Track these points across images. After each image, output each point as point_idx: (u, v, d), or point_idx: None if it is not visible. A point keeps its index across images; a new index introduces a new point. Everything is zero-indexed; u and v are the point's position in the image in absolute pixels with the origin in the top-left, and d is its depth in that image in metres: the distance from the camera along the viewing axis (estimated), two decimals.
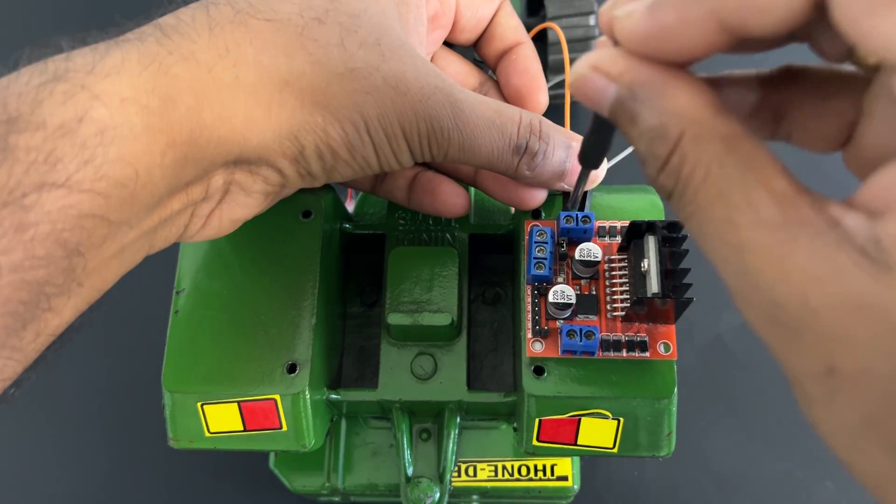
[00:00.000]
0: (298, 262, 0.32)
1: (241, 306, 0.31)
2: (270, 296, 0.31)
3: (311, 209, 0.33)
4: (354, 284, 0.37)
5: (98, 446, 0.47)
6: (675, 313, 0.28)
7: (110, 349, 0.49)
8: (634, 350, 0.29)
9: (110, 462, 0.47)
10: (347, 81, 0.25)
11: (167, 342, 0.31)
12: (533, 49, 0.33)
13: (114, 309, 0.50)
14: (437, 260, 0.33)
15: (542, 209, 0.32)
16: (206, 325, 0.31)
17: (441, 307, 0.32)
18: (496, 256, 0.37)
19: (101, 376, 0.49)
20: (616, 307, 0.29)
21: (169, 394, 0.30)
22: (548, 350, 0.29)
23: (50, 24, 0.60)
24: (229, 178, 0.26)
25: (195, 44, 0.24)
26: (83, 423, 0.48)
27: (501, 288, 0.37)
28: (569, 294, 0.29)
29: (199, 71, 0.23)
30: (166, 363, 0.31)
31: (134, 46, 0.23)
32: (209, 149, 0.24)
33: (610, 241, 0.30)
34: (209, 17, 0.24)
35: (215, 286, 0.32)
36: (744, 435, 0.46)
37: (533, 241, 0.30)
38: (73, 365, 0.49)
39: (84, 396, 0.48)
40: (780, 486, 0.45)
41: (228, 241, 0.32)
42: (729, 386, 0.47)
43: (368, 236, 0.36)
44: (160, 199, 0.24)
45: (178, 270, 0.32)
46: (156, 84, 0.23)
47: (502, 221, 0.36)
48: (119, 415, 0.48)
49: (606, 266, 0.30)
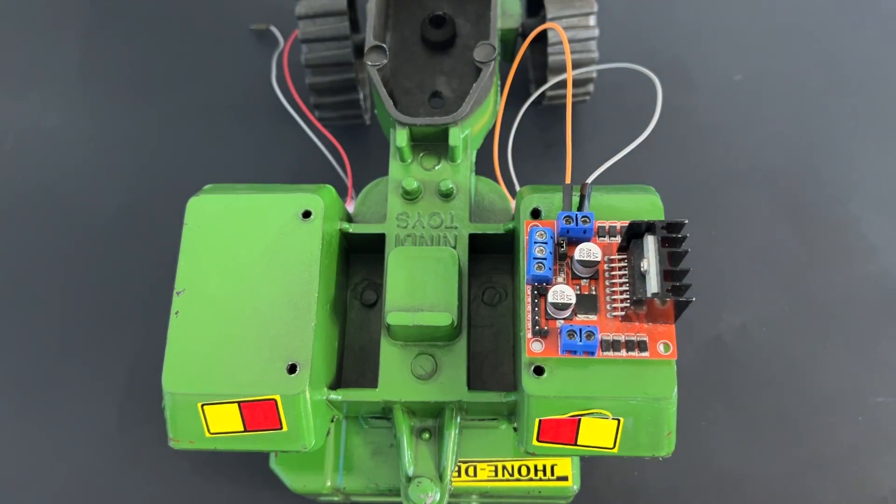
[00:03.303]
0: (298, 262, 0.32)
1: (241, 307, 0.31)
2: (270, 297, 0.31)
3: (312, 209, 0.33)
4: (354, 285, 0.37)
5: (99, 446, 0.47)
6: (674, 313, 0.28)
7: (111, 350, 0.49)
8: (634, 350, 0.29)
9: (111, 462, 0.47)
10: None
11: (167, 343, 0.31)
12: None
13: (115, 310, 0.50)
14: (437, 260, 0.33)
15: (542, 209, 0.32)
16: (206, 326, 0.31)
17: (441, 307, 0.32)
18: (496, 256, 0.37)
19: (102, 377, 0.49)
20: (616, 307, 0.29)
21: (169, 395, 0.30)
22: (548, 350, 0.29)
23: (50, 24, 0.60)
24: None
25: None
26: (84, 422, 0.48)
27: (502, 288, 0.37)
28: (568, 294, 0.29)
29: None
30: (166, 364, 0.31)
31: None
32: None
33: (610, 240, 0.30)
34: None
35: (215, 287, 0.32)
36: (744, 435, 0.46)
37: (532, 241, 0.30)
38: (72, 365, 0.49)
39: (85, 397, 0.48)
40: (781, 486, 0.45)
41: (228, 242, 0.32)
42: (729, 386, 0.47)
43: (368, 236, 0.36)
44: None
45: (178, 272, 0.32)
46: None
47: (502, 221, 0.36)
48: (120, 415, 0.48)
49: (606, 266, 0.30)
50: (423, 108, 0.41)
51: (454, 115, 0.36)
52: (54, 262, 0.52)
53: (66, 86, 0.58)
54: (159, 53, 0.59)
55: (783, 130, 0.55)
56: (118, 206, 0.53)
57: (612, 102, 0.55)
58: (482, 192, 0.39)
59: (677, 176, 0.53)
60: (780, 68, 0.57)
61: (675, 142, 0.54)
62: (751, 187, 0.53)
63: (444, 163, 0.37)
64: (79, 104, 0.57)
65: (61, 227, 0.53)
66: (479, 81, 0.36)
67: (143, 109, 0.57)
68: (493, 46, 0.37)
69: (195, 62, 0.58)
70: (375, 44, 0.37)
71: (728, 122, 0.55)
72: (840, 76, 0.56)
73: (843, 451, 0.45)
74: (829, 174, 0.53)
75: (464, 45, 0.43)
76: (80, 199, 0.54)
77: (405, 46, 0.43)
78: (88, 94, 0.57)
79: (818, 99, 0.55)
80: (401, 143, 0.36)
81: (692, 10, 0.59)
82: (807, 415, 0.46)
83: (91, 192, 0.54)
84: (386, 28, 0.43)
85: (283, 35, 0.56)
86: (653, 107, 0.33)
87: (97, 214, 0.53)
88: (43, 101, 0.57)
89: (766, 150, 0.54)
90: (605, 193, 0.32)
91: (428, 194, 0.36)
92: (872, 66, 0.57)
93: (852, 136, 0.54)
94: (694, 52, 0.57)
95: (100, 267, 0.51)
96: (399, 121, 0.36)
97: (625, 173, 0.54)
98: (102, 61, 0.59)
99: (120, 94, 0.57)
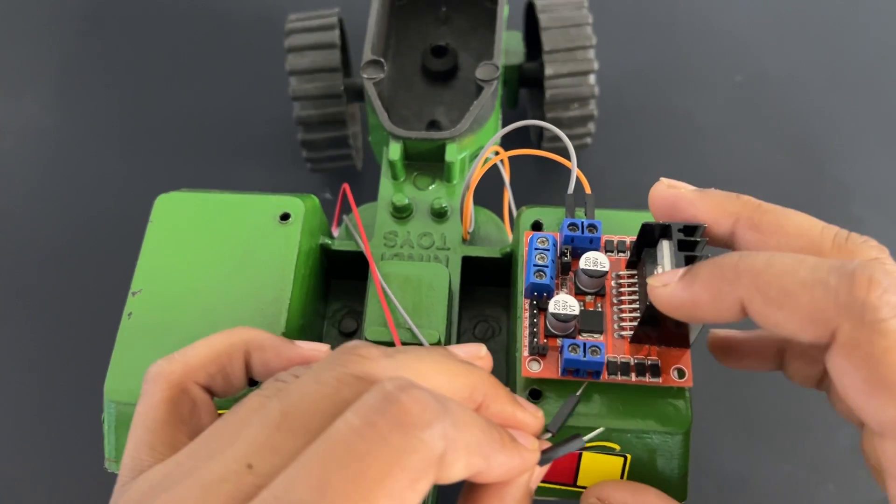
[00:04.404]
0: (271, 266, 0.29)
1: (203, 311, 0.28)
2: (236, 302, 0.28)
3: (291, 212, 0.30)
4: (333, 312, 0.34)
5: (97, 446, 0.43)
6: (689, 335, 0.25)
7: (111, 349, 0.46)
8: (645, 374, 0.25)
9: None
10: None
11: (115, 347, 0.27)
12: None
13: (113, 310, 0.47)
14: (425, 277, 0.30)
15: (544, 222, 0.29)
16: (160, 331, 0.27)
17: (427, 326, 0.29)
18: (490, 289, 0.34)
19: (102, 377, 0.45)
20: (624, 326, 0.26)
21: (111, 404, 0.26)
22: (546, 370, 0.26)
23: (47, 25, 0.59)
24: None
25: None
26: (78, 422, 0.43)
27: (495, 322, 0.34)
28: (571, 305, 0.25)
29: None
30: (111, 370, 0.27)
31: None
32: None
33: (618, 256, 0.27)
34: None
35: (176, 288, 0.28)
36: (745, 437, 0.43)
37: (533, 248, 0.27)
38: (72, 364, 0.46)
39: (84, 397, 0.44)
40: (782, 488, 0.42)
41: (196, 241, 0.29)
42: (730, 387, 0.44)
43: (351, 256, 0.33)
44: None
45: (136, 270, 0.29)
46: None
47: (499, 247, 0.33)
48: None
49: (614, 283, 0.27)
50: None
51: (452, 132, 0.34)
52: (54, 262, 0.49)
53: (62, 87, 0.56)
54: (157, 55, 0.57)
55: (783, 130, 0.53)
56: (116, 207, 0.51)
57: (612, 104, 0.53)
58: (479, 221, 0.36)
59: (677, 176, 0.50)
60: (780, 68, 0.56)
61: (675, 142, 0.53)
62: (751, 188, 0.51)
63: (438, 183, 0.34)
64: (75, 106, 0.55)
65: (61, 228, 0.50)
66: (481, 99, 0.34)
67: (141, 111, 0.55)
68: (495, 66, 0.35)
69: (195, 63, 0.57)
70: (373, 58, 0.35)
71: (728, 122, 0.54)
72: (840, 76, 0.56)
73: (844, 452, 0.43)
74: (829, 174, 0.52)
75: (465, 77, 0.41)
76: (77, 199, 0.51)
77: (405, 76, 0.41)
78: (86, 96, 0.56)
79: (818, 99, 0.55)
80: (394, 156, 0.33)
81: (692, 10, 0.59)
82: (808, 415, 0.44)
83: (89, 192, 0.52)
84: (386, 58, 0.41)
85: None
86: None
87: (95, 216, 0.51)
88: (39, 102, 0.56)
89: (766, 150, 0.52)
90: (613, 210, 0.30)
91: (420, 213, 0.33)
92: (873, 66, 0.56)
93: (853, 136, 0.53)
94: (694, 52, 0.57)
95: (98, 268, 0.49)
96: (393, 133, 0.34)
97: (625, 173, 0.52)
98: (100, 62, 0.57)
99: (117, 95, 0.56)
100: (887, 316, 0.18)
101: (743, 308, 0.20)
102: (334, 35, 0.43)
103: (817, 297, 0.19)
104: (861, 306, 0.18)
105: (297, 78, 0.43)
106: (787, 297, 0.19)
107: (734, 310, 0.20)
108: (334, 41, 0.43)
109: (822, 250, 0.21)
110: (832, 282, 0.19)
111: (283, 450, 0.17)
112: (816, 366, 0.25)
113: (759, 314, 0.20)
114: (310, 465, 0.16)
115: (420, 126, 0.40)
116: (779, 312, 0.19)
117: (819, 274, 0.19)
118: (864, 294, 0.18)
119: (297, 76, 0.43)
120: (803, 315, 0.19)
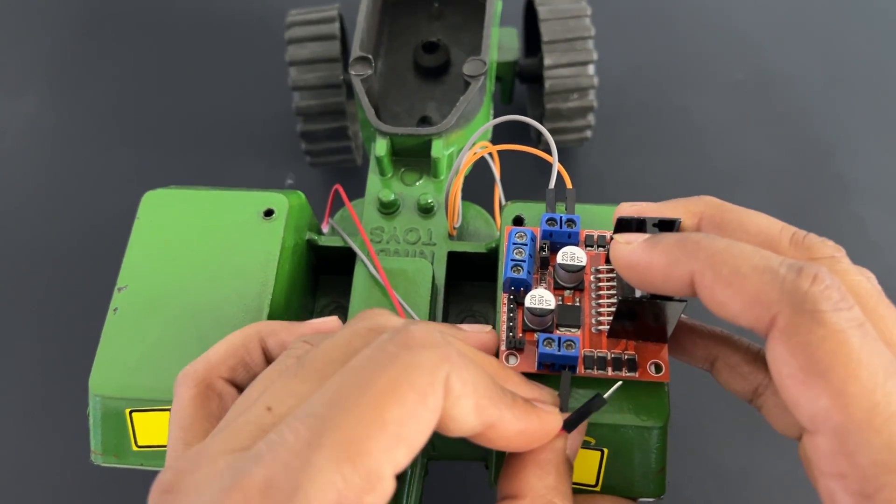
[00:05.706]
0: (254, 262, 0.29)
1: (187, 307, 0.28)
2: (220, 297, 0.28)
3: (274, 208, 0.30)
4: (322, 307, 0.34)
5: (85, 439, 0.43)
6: (667, 329, 0.25)
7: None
8: (621, 369, 0.25)
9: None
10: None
11: (100, 341, 0.28)
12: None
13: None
14: (409, 272, 0.30)
15: (525, 217, 0.29)
16: (145, 326, 0.28)
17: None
18: (478, 283, 0.34)
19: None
20: (601, 320, 0.26)
21: (96, 398, 0.27)
22: (522, 365, 0.26)
23: (47, 24, 0.60)
24: None
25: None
26: (73, 422, 0.43)
27: (482, 317, 0.34)
28: (548, 299, 0.25)
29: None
30: (96, 364, 0.27)
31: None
32: None
33: (598, 251, 0.28)
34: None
35: (161, 285, 0.29)
36: (745, 434, 0.43)
37: (511, 243, 0.27)
38: (71, 364, 0.45)
39: (76, 396, 0.45)
40: (782, 485, 0.42)
41: (181, 238, 0.30)
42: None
43: (339, 252, 0.33)
44: None
45: (122, 267, 0.29)
46: None
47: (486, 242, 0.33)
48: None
49: (592, 277, 0.27)
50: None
51: (438, 127, 0.34)
52: (53, 261, 0.50)
53: (62, 86, 0.57)
54: (156, 54, 0.58)
55: (783, 130, 0.53)
56: (115, 205, 0.51)
57: (613, 101, 0.53)
58: (468, 216, 0.36)
59: (677, 176, 0.51)
60: (780, 68, 0.56)
61: (675, 139, 0.53)
62: (751, 187, 0.51)
63: (425, 179, 0.35)
64: (74, 105, 0.56)
65: (60, 226, 0.51)
66: (467, 95, 0.34)
67: (139, 109, 0.55)
68: (483, 62, 0.35)
69: (194, 62, 0.57)
70: (361, 55, 0.35)
71: (728, 122, 0.53)
72: (840, 76, 0.55)
73: None
74: (830, 173, 0.52)
75: (457, 73, 0.41)
76: (77, 198, 0.52)
77: (397, 72, 0.42)
78: (85, 95, 0.56)
79: (818, 96, 0.54)
80: (380, 152, 0.33)
81: (693, 7, 0.58)
82: None
83: (88, 191, 0.52)
84: (378, 55, 0.42)
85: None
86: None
87: (94, 214, 0.51)
88: (39, 101, 0.56)
89: (766, 150, 0.52)
90: (594, 205, 0.30)
91: (406, 209, 0.34)
92: (873, 66, 0.56)
93: (853, 134, 0.53)
94: (694, 50, 0.56)
95: (97, 266, 0.49)
96: (380, 130, 0.34)
97: (624, 173, 0.52)
98: (99, 62, 0.58)
99: (116, 94, 0.56)
100: (826, 308, 0.18)
101: (692, 283, 0.21)
102: (334, 27, 0.43)
103: (765, 281, 0.19)
104: (803, 295, 0.19)
105: (296, 68, 0.43)
106: (736, 277, 0.20)
107: (683, 281, 0.21)
108: (334, 33, 0.43)
109: (780, 248, 0.22)
110: (781, 271, 0.19)
111: (300, 392, 0.19)
112: (746, 382, 0.25)
113: (706, 290, 0.20)
114: (326, 388, 0.18)
115: (412, 122, 0.40)
116: (725, 290, 0.20)
117: (771, 263, 0.20)
118: (807, 285, 0.19)
119: (297, 66, 0.43)
120: (748, 296, 0.20)
